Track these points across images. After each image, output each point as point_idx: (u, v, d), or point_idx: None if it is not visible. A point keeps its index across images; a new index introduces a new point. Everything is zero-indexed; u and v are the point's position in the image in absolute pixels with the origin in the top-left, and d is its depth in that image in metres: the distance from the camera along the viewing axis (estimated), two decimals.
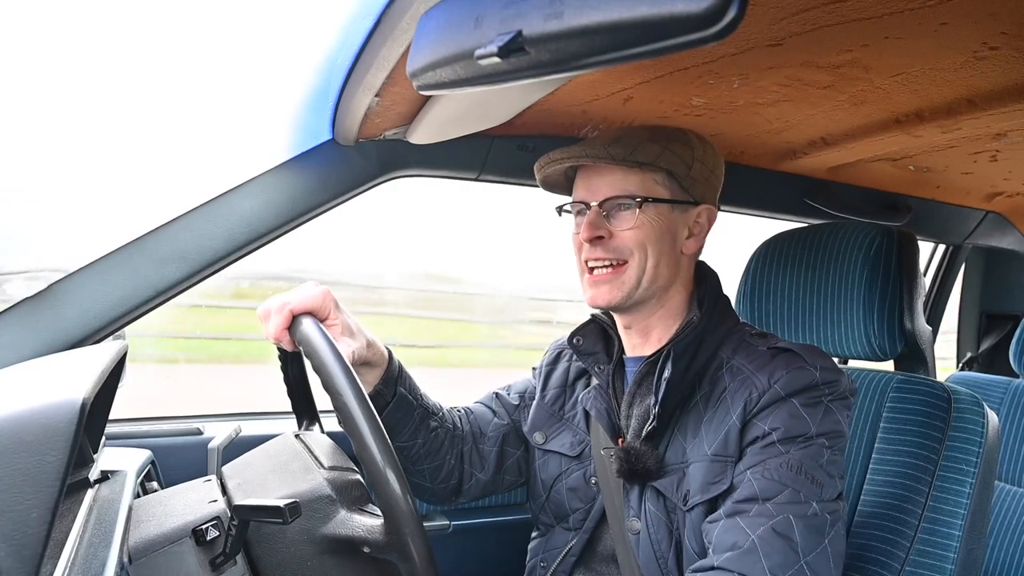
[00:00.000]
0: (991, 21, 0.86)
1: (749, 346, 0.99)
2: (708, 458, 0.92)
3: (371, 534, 0.83)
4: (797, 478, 0.86)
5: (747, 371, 0.95)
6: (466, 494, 1.19)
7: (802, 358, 0.94)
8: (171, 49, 1.79)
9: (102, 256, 1.11)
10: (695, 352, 0.98)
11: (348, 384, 0.81)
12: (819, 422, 0.90)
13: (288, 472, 0.93)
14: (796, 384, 0.91)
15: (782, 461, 0.88)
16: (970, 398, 1.10)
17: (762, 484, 0.87)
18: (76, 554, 0.66)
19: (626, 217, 0.99)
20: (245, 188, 1.18)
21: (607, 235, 0.99)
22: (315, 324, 0.89)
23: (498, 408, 1.23)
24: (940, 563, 1.03)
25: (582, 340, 1.11)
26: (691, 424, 0.97)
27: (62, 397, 0.59)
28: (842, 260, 1.19)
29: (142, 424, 1.40)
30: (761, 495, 0.86)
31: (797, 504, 0.85)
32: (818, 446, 0.89)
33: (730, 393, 0.94)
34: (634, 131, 1.01)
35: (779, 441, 0.89)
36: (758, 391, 0.92)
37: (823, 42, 0.94)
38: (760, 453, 0.89)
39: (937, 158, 1.50)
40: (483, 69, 0.54)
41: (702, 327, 0.99)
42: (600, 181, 1.00)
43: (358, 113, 1.07)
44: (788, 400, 0.91)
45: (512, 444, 1.20)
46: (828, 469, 0.89)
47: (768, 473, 0.87)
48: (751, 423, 0.92)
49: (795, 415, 0.90)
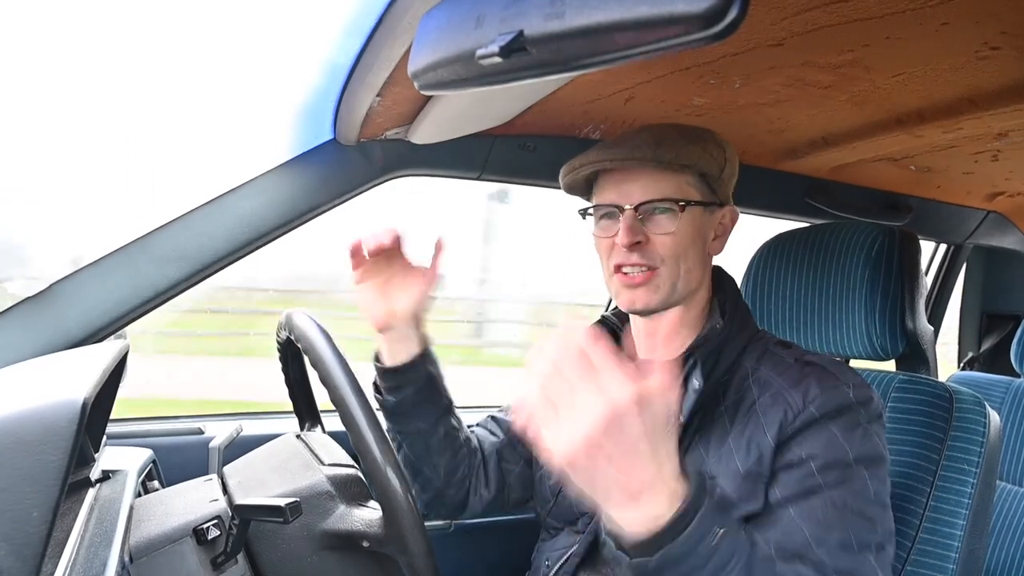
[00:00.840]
0: (992, 21, 0.86)
1: (775, 356, 0.96)
2: (740, 475, 0.89)
3: (370, 528, 0.83)
4: (844, 517, 0.82)
5: (777, 385, 0.92)
6: (471, 508, 1.18)
7: (835, 376, 0.91)
8: (172, 49, 1.79)
9: (103, 256, 1.11)
10: (717, 359, 0.96)
11: (345, 377, 0.81)
12: (857, 447, 0.86)
13: (288, 470, 0.93)
14: (831, 404, 0.88)
15: (825, 500, 0.83)
16: (971, 398, 1.10)
17: (811, 528, 0.82)
18: (77, 553, 0.66)
19: (664, 221, 0.96)
20: (246, 188, 1.18)
21: (644, 240, 0.96)
22: (310, 319, 0.89)
23: (494, 428, 1.23)
24: (941, 563, 1.03)
25: None
26: (715, 436, 0.93)
27: (63, 397, 0.59)
28: (843, 260, 1.18)
29: (143, 423, 1.41)
30: (812, 539, 0.81)
31: (850, 554, 0.80)
32: (859, 477, 0.84)
33: (761, 408, 0.91)
34: (672, 131, 0.98)
35: (818, 471, 0.84)
36: (793, 411, 0.88)
37: (824, 42, 0.94)
38: (799, 483, 0.85)
39: (938, 158, 1.49)
40: (484, 69, 0.54)
41: (724, 334, 0.97)
42: (633, 185, 0.97)
43: (359, 113, 1.07)
44: (824, 424, 0.87)
45: (509, 459, 1.19)
46: (878, 498, 0.84)
47: (814, 512, 0.82)
48: (787, 445, 0.88)
49: (833, 441, 0.86)
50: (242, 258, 1.20)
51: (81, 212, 2.94)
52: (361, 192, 1.27)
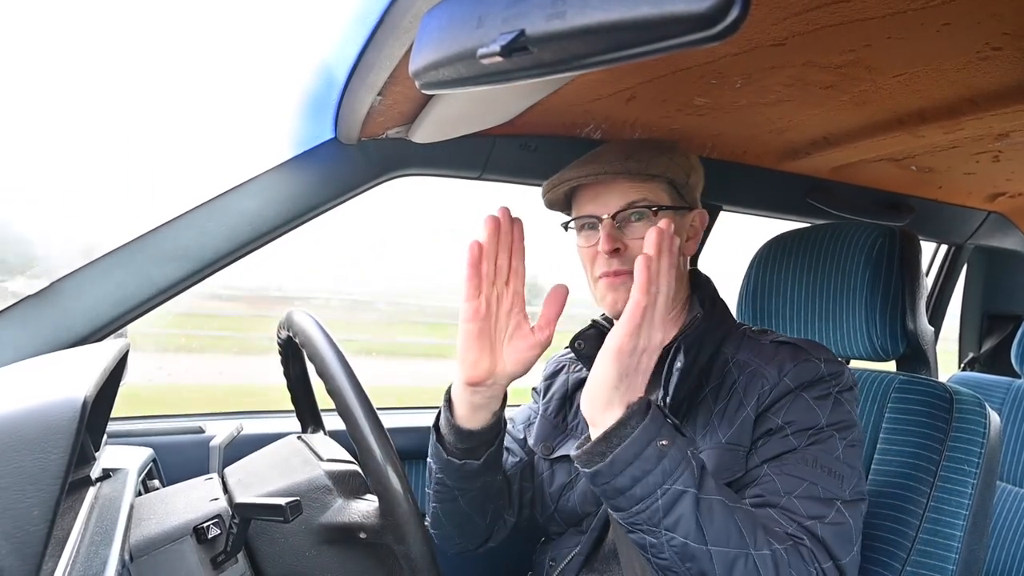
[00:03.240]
0: (994, 22, 0.86)
1: (752, 340, 1.04)
2: (722, 446, 0.95)
3: (367, 519, 0.83)
4: (814, 472, 0.89)
5: (755, 364, 0.99)
6: (495, 537, 1.16)
7: (806, 351, 0.98)
8: (173, 48, 1.78)
9: (104, 254, 1.11)
10: (699, 348, 1.01)
11: (342, 368, 0.81)
12: (829, 414, 0.93)
13: (287, 466, 0.93)
14: (804, 377, 0.95)
15: (798, 457, 0.90)
16: (972, 398, 1.10)
17: (783, 480, 0.89)
18: (77, 552, 0.66)
19: (638, 227, 1.02)
20: (247, 187, 1.18)
21: (623, 247, 1.01)
22: (308, 316, 0.89)
23: (511, 445, 1.20)
24: (942, 563, 1.03)
25: (583, 344, 1.11)
26: (700, 417, 0.99)
27: (64, 395, 0.59)
28: (844, 260, 1.19)
29: (144, 422, 1.41)
30: (783, 488, 0.89)
31: (818, 503, 0.87)
32: (831, 438, 0.91)
33: (741, 386, 0.98)
34: (641, 145, 1.05)
35: (793, 434, 0.92)
36: (770, 383, 0.95)
37: (826, 42, 0.94)
38: (777, 445, 0.92)
39: (939, 158, 1.49)
40: (485, 68, 0.54)
41: (704, 324, 1.03)
42: (609, 196, 1.03)
43: (360, 112, 1.07)
44: (798, 393, 0.94)
45: (528, 479, 1.18)
46: (847, 460, 0.91)
47: (786, 467, 0.90)
48: (764, 416, 0.95)
49: (807, 408, 0.93)
50: (243, 257, 1.20)
51: (81, 211, 2.94)
52: (362, 191, 1.27)
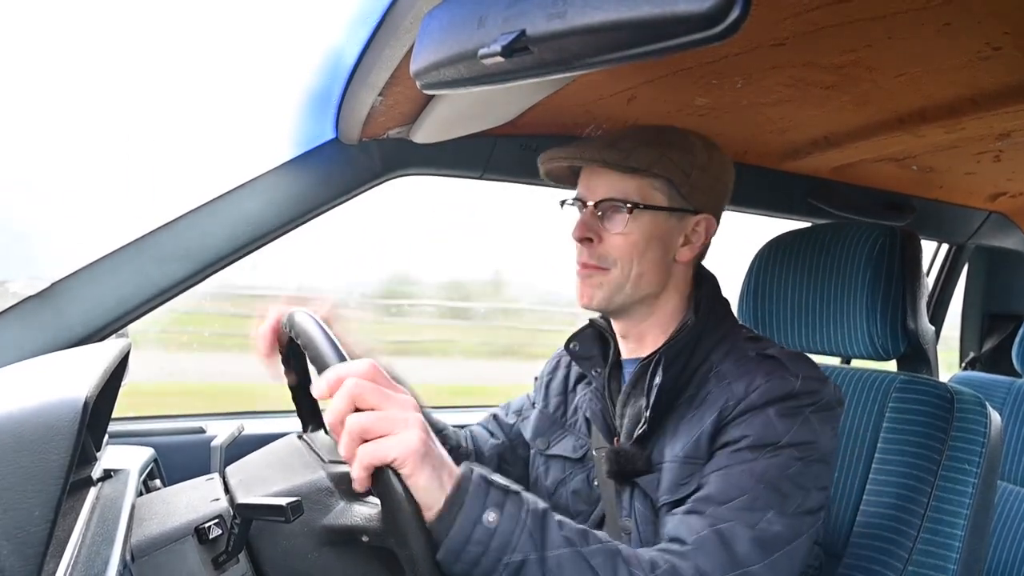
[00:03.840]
0: (994, 21, 0.86)
1: (739, 351, 0.97)
2: (679, 460, 0.91)
3: (369, 522, 0.83)
4: (756, 486, 0.84)
5: (731, 376, 0.93)
6: None
7: (784, 366, 0.92)
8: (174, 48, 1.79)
9: (105, 254, 1.11)
10: (689, 356, 0.97)
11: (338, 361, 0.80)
12: (793, 432, 0.87)
13: (289, 467, 0.93)
14: (773, 393, 0.89)
15: (745, 468, 0.86)
16: (973, 398, 1.10)
17: (720, 486, 0.85)
18: (78, 552, 0.66)
19: (618, 221, 0.97)
20: (248, 187, 1.18)
21: (596, 239, 0.98)
22: (310, 316, 0.89)
23: (494, 429, 1.24)
24: (942, 563, 1.03)
25: (578, 345, 1.11)
26: (671, 425, 0.96)
27: (65, 395, 0.59)
28: (845, 260, 1.18)
29: (145, 422, 1.41)
30: (716, 497, 0.85)
31: (750, 512, 0.83)
32: (786, 456, 0.86)
33: (709, 397, 0.93)
34: (633, 134, 0.99)
35: (747, 448, 0.87)
36: (735, 399, 0.90)
37: (826, 42, 0.93)
38: (727, 458, 0.88)
39: (940, 158, 1.49)
40: (486, 68, 0.54)
41: (697, 331, 0.98)
42: (598, 182, 0.99)
43: (362, 112, 1.07)
44: (763, 409, 0.89)
45: (510, 462, 1.21)
46: (797, 480, 0.85)
47: (729, 478, 0.86)
48: (723, 429, 0.90)
49: (767, 424, 0.87)
50: (244, 257, 1.20)
51: (82, 211, 2.94)
52: (363, 191, 1.27)
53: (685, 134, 1.01)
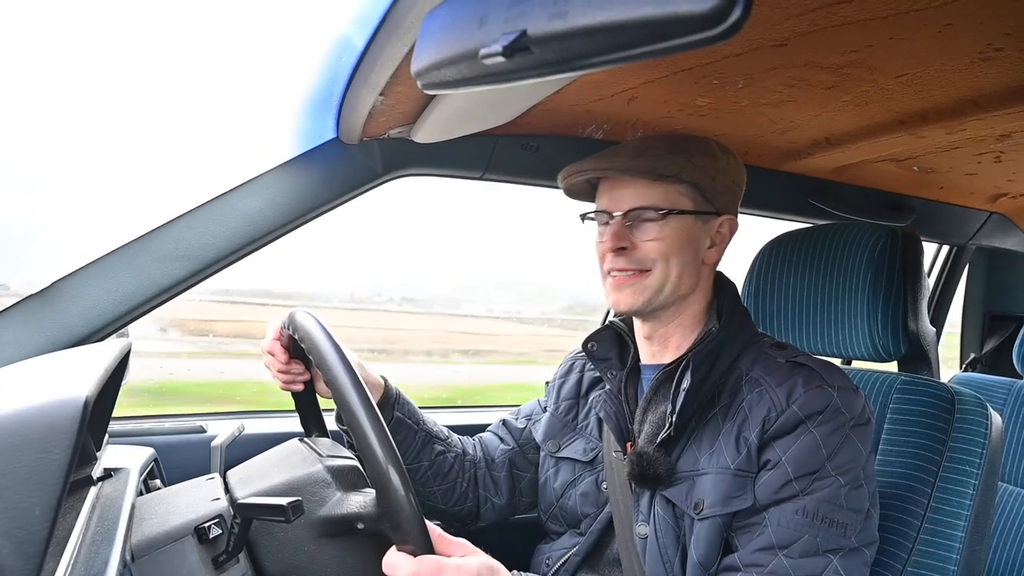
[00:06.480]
0: (996, 22, 0.86)
1: (768, 357, 0.99)
2: (730, 471, 0.92)
3: (364, 508, 0.83)
4: (812, 524, 0.86)
5: (765, 384, 0.94)
6: (484, 517, 1.22)
7: (820, 376, 0.93)
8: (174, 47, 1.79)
9: (106, 254, 1.11)
10: (713, 362, 0.98)
11: (338, 360, 0.81)
12: (835, 454, 0.89)
13: (288, 463, 0.93)
14: (814, 406, 0.90)
15: (797, 507, 0.88)
16: (973, 399, 1.10)
17: (779, 533, 0.87)
18: (79, 552, 0.66)
19: (649, 228, 0.99)
20: (249, 186, 1.18)
21: (630, 246, 0.99)
22: (312, 317, 0.89)
23: (504, 435, 1.25)
24: (943, 564, 1.03)
25: (596, 345, 1.12)
26: (707, 435, 0.96)
27: (65, 395, 0.59)
28: (846, 260, 1.18)
29: (145, 422, 1.41)
30: (778, 544, 0.87)
31: (812, 558, 0.86)
32: (833, 483, 0.88)
33: (748, 406, 0.94)
34: (657, 142, 1.00)
35: (794, 479, 0.88)
36: (776, 409, 0.91)
37: (827, 43, 0.93)
38: (773, 483, 0.90)
39: (941, 159, 1.49)
40: (487, 68, 0.54)
41: (720, 337, 0.99)
42: (623, 192, 1.00)
43: (362, 112, 1.07)
44: (807, 426, 0.90)
45: (521, 467, 1.21)
46: (851, 504, 0.88)
47: (784, 520, 0.88)
48: (768, 444, 0.91)
49: (813, 448, 0.89)
50: (244, 257, 1.20)
51: (82, 211, 2.95)
52: (364, 191, 1.27)
53: (704, 139, 1.03)
